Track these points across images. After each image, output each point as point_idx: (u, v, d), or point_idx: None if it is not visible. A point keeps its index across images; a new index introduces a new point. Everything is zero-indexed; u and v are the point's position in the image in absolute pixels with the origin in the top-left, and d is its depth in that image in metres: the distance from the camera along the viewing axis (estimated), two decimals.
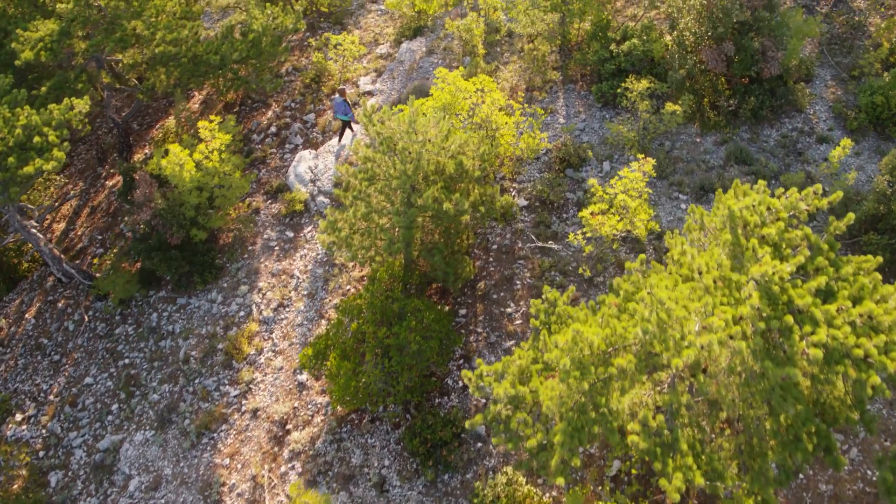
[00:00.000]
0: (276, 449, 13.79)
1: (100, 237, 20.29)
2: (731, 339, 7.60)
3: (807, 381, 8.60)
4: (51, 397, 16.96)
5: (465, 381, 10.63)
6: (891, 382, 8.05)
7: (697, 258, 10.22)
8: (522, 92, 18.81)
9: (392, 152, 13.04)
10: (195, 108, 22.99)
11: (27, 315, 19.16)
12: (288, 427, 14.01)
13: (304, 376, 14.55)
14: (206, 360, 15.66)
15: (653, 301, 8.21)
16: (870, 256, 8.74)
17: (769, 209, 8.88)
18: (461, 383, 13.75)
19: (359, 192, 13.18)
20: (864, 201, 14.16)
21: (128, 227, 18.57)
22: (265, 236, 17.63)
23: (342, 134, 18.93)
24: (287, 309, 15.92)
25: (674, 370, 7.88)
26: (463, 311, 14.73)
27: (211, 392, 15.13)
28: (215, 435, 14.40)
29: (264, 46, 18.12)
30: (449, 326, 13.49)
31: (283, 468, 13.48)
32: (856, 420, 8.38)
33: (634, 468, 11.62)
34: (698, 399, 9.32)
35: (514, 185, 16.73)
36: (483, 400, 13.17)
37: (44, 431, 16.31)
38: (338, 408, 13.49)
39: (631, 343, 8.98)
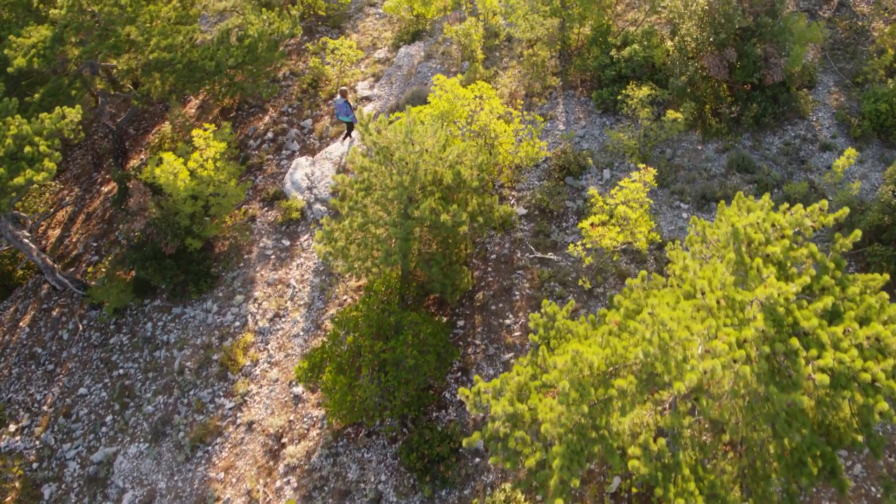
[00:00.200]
0: (272, 463, 13.59)
1: (95, 244, 20.09)
2: (735, 363, 7.39)
3: (811, 402, 8.40)
4: (45, 408, 16.77)
5: (463, 399, 10.43)
6: None
7: (700, 273, 10.03)
8: (522, 98, 18.59)
9: (389, 162, 12.83)
10: (191, 113, 22.77)
11: (21, 323, 18.96)
12: (283, 441, 13.81)
13: (300, 389, 14.34)
14: (201, 372, 15.46)
15: (654, 322, 8.00)
16: (876, 275, 8.54)
17: (774, 226, 8.67)
18: (459, 396, 13.53)
19: (355, 203, 12.97)
20: (869, 211, 13.95)
21: (122, 235, 18.38)
22: (261, 244, 17.42)
23: (348, 134, 18.78)
24: (283, 319, 15.72)
25: (676, 393, 7.68)
26: (461, 323, 14.53)
27: (206, 404, 14.93)
28: (210, 448, 14.21)
29: (260, 52, 17.90)
30: (447, 339, 13.29)
31: (279, 483, 13.29)
32: (862, 443, 8.18)
33: (635, 486, 11.42)
34: (698, 417, 9.12)
35: (513, 194, 16.52)
36: (481, 414, 12.96)
37: (37, 443, 16.12)
38: (334, 422, 13.29)
39: (632, 363, 8.78)
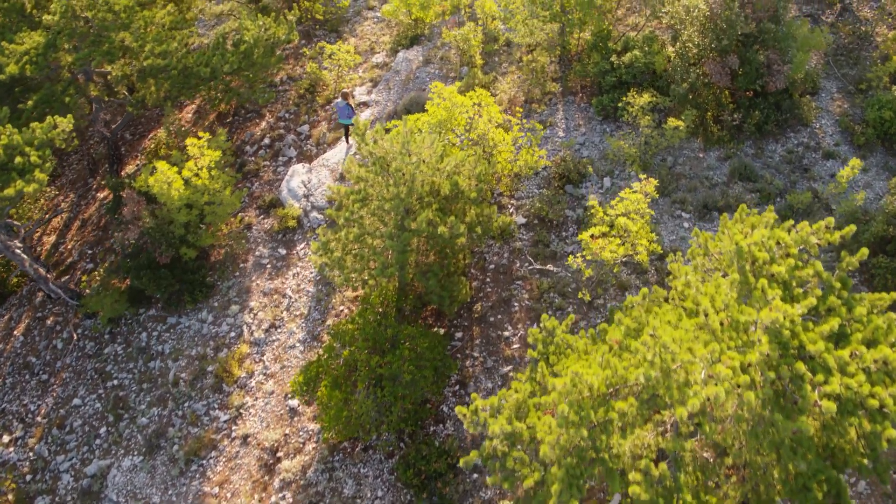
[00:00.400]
0: (267, 478, 13.39)
1: (90, 251, 19.87)
2: (739, 388, 7.19)
3: (816, 423, 8.19)
4: (38, 418, 16.57)
5: (461, 417, 10.22)
6: None
7: (702, 289, 9.81)
8: (521, 104, 18.37)
9: (385, 172, 12.63)
10: (188, 118, 22.55)
11: (16, 332, 18.75)
12: (279, 455, 13.61)
13: (296, 401, 14.13)
14: (196, 383, 15.26)
15: (656, 344, 7.79)
16: (884, 294, 8.32)
17: (779, 244, 8.46)
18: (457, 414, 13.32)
19: (351, 214, 12.77)
20: (873, 222, 13.73)
21: (117, 244, 18.17)
22: (257, 253, 17.21)
23: (349, 137, 18.70)
24: (279, 330, 15.51)
25: (678, 419, 7.47)
26: (459, 335, 14.32)
27: (200, 416, 14.73)
28: (204, 462, 14.01)
29: (256, 58, 17.67)
30: (444, 352, 13.08)
31: (274, 498, 13.09)
32: (868, 468, 7.97)
33: None
34: (700, 437, 8.92)
35: (512, 202, 16.31)
36: (480, 431, 12.75)
37: (31, 454, 15.93)
38: (329, 436, 13.08)
39: (632, 384, 8.57)
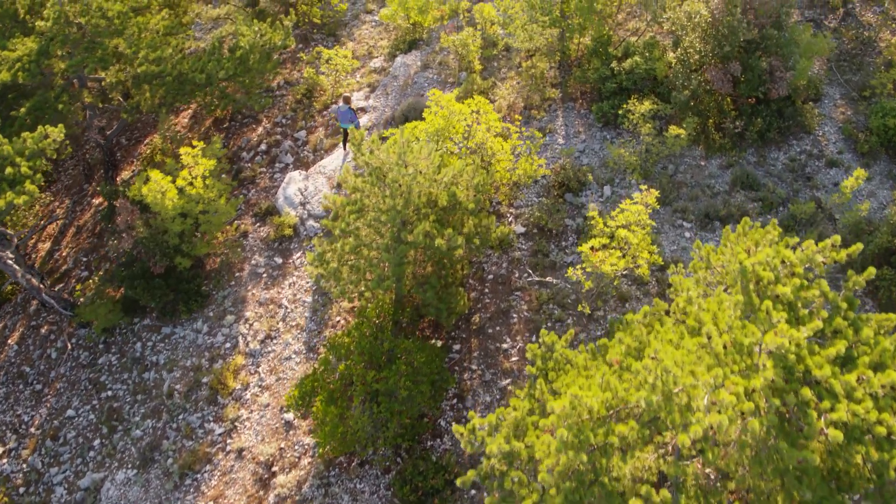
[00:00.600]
0: (262, 493, 13.19)
1: (85, 259, 19.67)
2: (743, 415, 6.98)
3: (822, 447, 7.99)
4: (32, 429, 16.38)
5: (458, 436, 10.02)
6: None
7: (705, 305, 9.61)
8: (520, 111, 18.15)
9: (382, 183, 12.42)
10: (184, 123, 22.35)
11: (10, 340, 18.56)
12: (274, 469, 13.41)
13: (291, 415, 13.93)
14: (191, 395, 15.05)
15: (657, 367, 7.59)
16: (891, 315, 8.12)
17: (784, 262, 8.25)
18: (455, 424, 13.10)
19: (347, 225, 12.56)
20: (877, 232, 13.52)
21: (111, 252, 17.98)
22: (253, 262, 17.00)
23: (346, 142, 18.50)
24: (274, 341, 15.31)
25: (680, 446, 7.27)
26: (457, 347, 14.11)
27: (195, 429, 14.52)
28: (199, 476, 13.81)
29: (252, 64, 17.46)
30: (442, 365, 12.88)
31: None
32: (874, 495, 7.77)
33: None
34: (696, 457, 8.72)
35: (511, 211, 16.09)
36: (477, 449, 12.55)
37: (24, 466, 15.74)
38: (325, 451, 12.89)
39: (633, 406, 8.37)
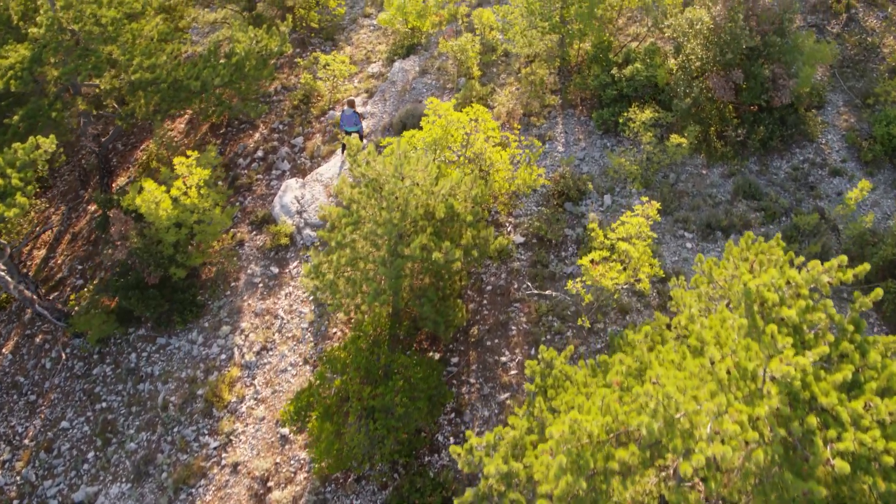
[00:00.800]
0: None
1: (80, 267, 19.48)
2: (747, 444, 6.79)
3: (827, 475, 7.79)
4: (26, 441, 16.19)
5: (455, 457, 9.82)
6: None
7: (707, 323, 9.42)
8: (519, 118, 17.93)
9: (378, 194, 12.22)
10: (180, 129, 22.15)
11: (4, 350, 18.36)
12: (269, 485, 13.22)
13: (287, 429, 13.74)
14: (186, 408, 14.86)
15: (658, 393, 7.39)
16: None
17: (789, 283, 8.04)
18: (453, 440, 12.95)
19: (343, 237, 12.36)
20: (882, 244, 13.31)
21: (106, 261, 17.78)
22: (249, 271, 16.80)
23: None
24: (270, 353, 15.11)
25: (682, 475, 7.07)
26: (455, 360, 13.92)
27: (190, 443, 14.34)
28: (193, 491, 13.62)
29: (248, 70, 17.25)
30: (439, 379, 12.68)
31: None
32: None
33: None
34: (698, 484, 8.52)
35: (510, 220, 15.89)
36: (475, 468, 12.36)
37: (18, 478, 15.56)
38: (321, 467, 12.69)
39: (634, 430, 8.17)
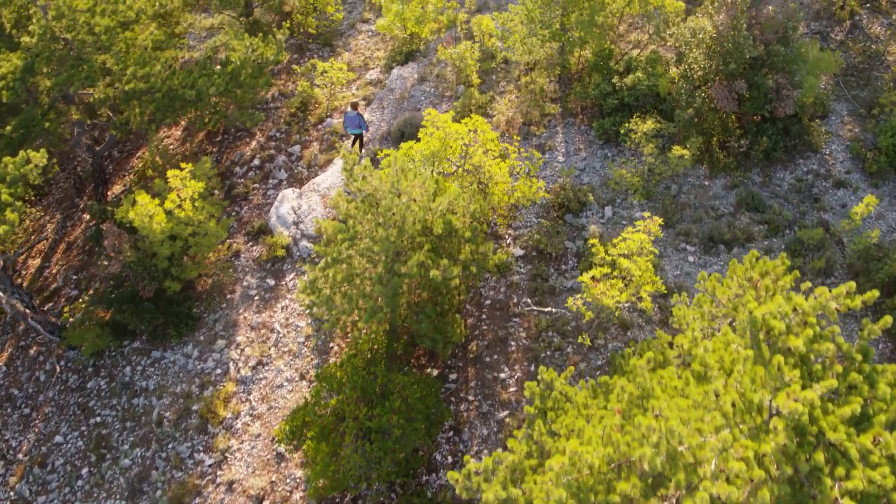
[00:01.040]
0: None
1: (75, 277, 19.27)
2: (752, 481, 6.57)
3: None
4: (20, 455, 16.00)
5: (452, 482, 9.61)
6: None
7: (710, 346, 9.21)
8: (519, 127, 17.69)
9: (375, 210, 12.00)
10: (177, 136, 21.93)
11: None
12: (265, 503, 13.02)
13: (283, 447, 13.52)
14: (180, 423, 14.65)
15: (661, 426, 7.18)
16: None
17: (795, 310, 7.82)
18: (451, 458, 12.74)
19: (339, 254, 12.14)
20: (887, 259, 13.07)
21: (100, 272, 17.57)
22: (245, 283, 16.59)
23: (356, 144, 18.49)
24: (266, 368, 14.90)
25: None
26: (453, 376, 13.70)
27: (184, 459, 14.13)
28: None
29: (244, 79, 17.01)
30: (437, 397, 12.47)
31: None
32: None
33: None
34: None
35: (510, 232, 15.66)
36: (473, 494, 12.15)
37: (12, 494, 15.36)
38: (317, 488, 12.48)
39: (636, 461, 7.96)
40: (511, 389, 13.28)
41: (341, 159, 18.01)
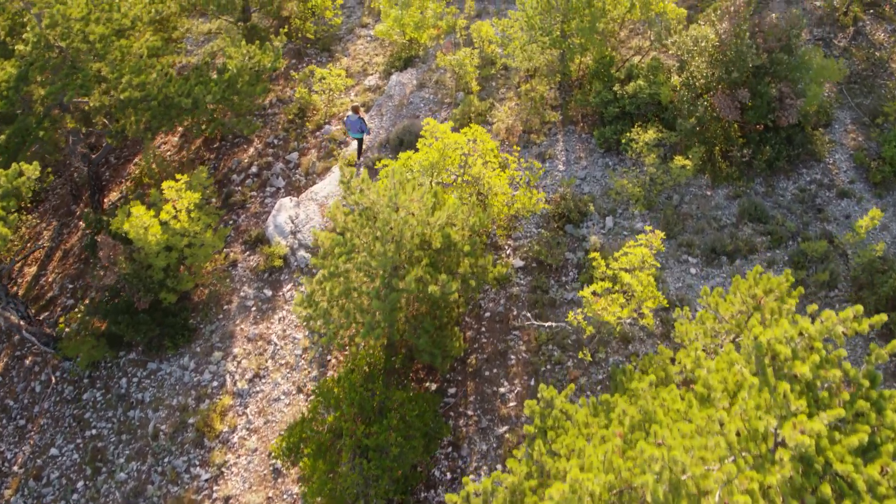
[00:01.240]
0: None
1: (70, 286, 19.09)
2: None
3: None
4: (15, 468, 15.84)
5: None
6: None
7: (714, 366, 9.04)
8: (519, 135, 17.50)
9: (372, 223, 11.82)
10: (174, 142, 21.75)
11: None
12: None
13: (280, 462, 13.36)
14: (177, 437, 14.49)
15: (664, 455, 7.01)
16: None
17: (801, 334, 7.65)
18: (449, 475, 12.57)
19: (336, 268, 11.96)
20: (892, 271, 12.90)
21: (96, 282, 17.39)
22: (242, 294, 16.41)
23: (359, 153, 18.48)
24: (263, 380, 14.73)
25: None
26: (452, 390, 13.53)
27: (181, 474, 13.97)
28: None
29: (241, 87, 16.83)
30: (436, 412, 12.31)
31: None
32: None
33: None
34: None
35: (510, 243, 15.48)
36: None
37: None
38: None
39: (638, 487, 7.79)
40: (511, 404, 13.10)
41: (339, 168, 17.87)
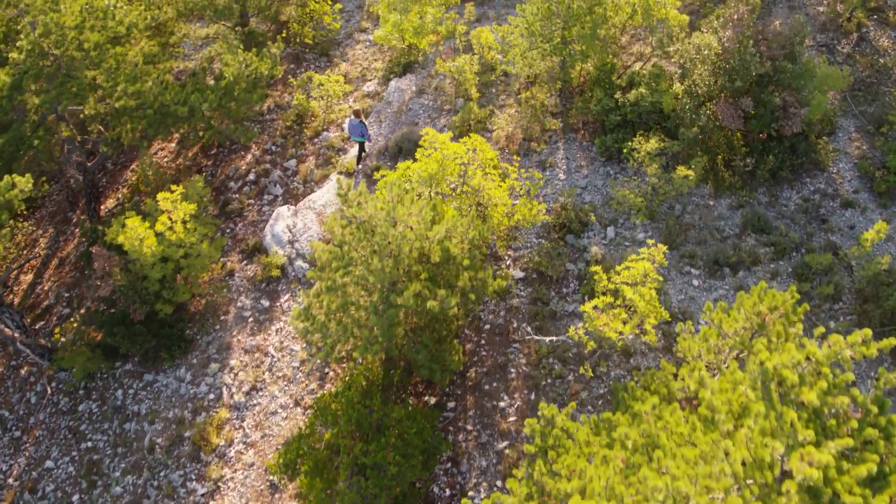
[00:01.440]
0: None
1: (67, 294, 18.92)
2: None
3: None
4: (10, 480, 15.68)
5: None
6: None
7: (718, 386, 8.87)
8: (519, 143, 17.31)
9: (370, 237, 11.64)
10: (171, 149, 21.56)
11: None
12: None
13: (276, 477, 13.19)
14: (173, 450, 14.32)
15: (668, 484, 6.83)
16: None
17: (808, 359, 7.47)
18: (448, 491, 12.40)
19: (333, 282, 11.78)
20: None
21: (91, 293, 17.21)
22: (239, 304, 16.23)
23: (360, 157, 18.39)
24: (260, 393, 14.56)
25: None
26: (451, 404, 13.35)
27: (177, 489, 13.80)
28: None
29: (238, 94, 16.64)
30: (435, 428, 12.13)
31: None
32: None
33: None
34: None
35: (510, 254, 15.30)
36: None
37: None
38: None
39: None
40: (511, 419, 12.93)
41: (336, 179, 17.72)
